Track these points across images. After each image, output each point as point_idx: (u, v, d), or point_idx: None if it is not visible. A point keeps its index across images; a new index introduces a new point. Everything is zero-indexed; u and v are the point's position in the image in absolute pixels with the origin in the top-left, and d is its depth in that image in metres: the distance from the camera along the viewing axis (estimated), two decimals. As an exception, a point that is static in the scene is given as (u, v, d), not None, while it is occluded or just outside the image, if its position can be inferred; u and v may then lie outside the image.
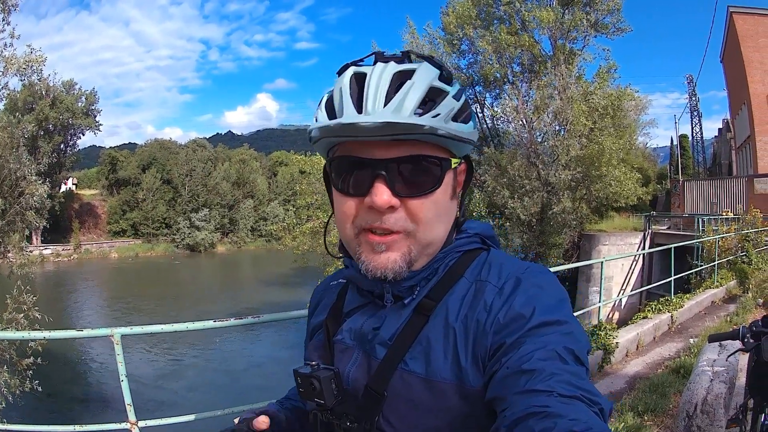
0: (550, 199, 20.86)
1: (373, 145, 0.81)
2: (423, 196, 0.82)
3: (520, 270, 0.85)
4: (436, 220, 0.85)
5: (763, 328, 2.46)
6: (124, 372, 2.87)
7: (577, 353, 0.73)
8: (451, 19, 23.05)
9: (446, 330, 0.82)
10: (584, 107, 20.86)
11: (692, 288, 10.88)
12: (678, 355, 6.39)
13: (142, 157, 56.73)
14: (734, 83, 34.52)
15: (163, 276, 40.31)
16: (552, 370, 0.68)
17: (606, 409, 0.67)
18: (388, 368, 0.83)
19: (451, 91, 0.83)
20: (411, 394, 0.81)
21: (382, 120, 0.76)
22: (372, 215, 0.82)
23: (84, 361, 17.70)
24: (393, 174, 0.80)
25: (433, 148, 0.82)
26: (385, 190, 0.80)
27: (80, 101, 50.39)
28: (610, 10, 23.70)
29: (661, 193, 36.98)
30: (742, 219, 15.06)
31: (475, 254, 0.92)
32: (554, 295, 0.81)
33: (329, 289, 1.06)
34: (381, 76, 0.80)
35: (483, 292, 0.83)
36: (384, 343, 0.86)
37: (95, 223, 54.39)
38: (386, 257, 0.83)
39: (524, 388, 0.67)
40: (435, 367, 0.80)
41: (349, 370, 0.88)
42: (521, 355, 0.72)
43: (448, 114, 0.80)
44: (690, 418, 3.35)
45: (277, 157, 70.55)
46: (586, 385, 0.68)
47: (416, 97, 0.78)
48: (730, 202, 25.11)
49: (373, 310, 0.91)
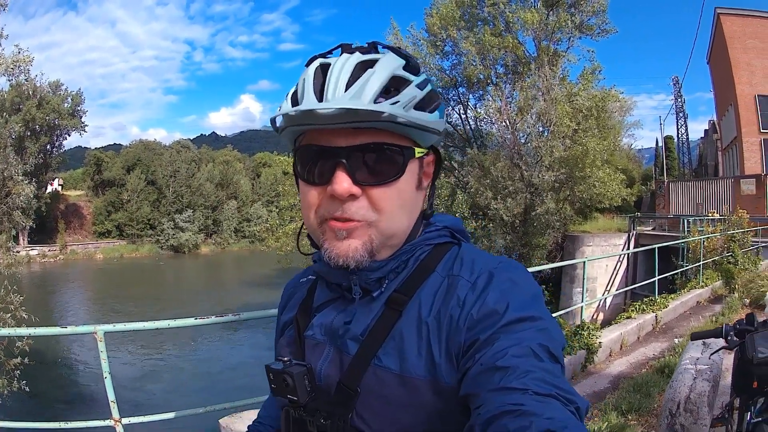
0: (534, 200, 20.85)
1: (336, 134, 0.79)
2: (385, 184, 0.81)
3: (493, 264, 0.84)
4: (399, 211, 0.83)
5: (747, 326, 2.47)
6: (107, 369, 2.91)
7: (552, 350, 0.72)
8: (435, 21, 22.99)
9: (419, 325, 0.81)
10: (568, 108, 20.87)
11: (677, 288, 10.90)
12: (662, 355, 6.39)
13: (126, 158, 56.65)
14: (721, 84, 34.72)
15: (148, 277, 40.04)
16: (526, 368, 0.67)
17: (582, 407, 0.66)
18: (361, 364, 0.82)
19: (415, 80, 0.81)
20: (384, 390, 0.80)
21: (340, 106, 0.75)
22: (334, 204, 0.80)
23: (67, 360, 17.52)
24: (354, 162, 0.79)
25: (395, 137, 0.81)
26: (345, 178, 0.78)
27: (66, 102, 50.27)
28: (595, 12, 23.74)
29: (645, 194, 37.27)
30: (728, 220, 15.04)
31: (447, 248, 0.90)
32: (528, 290, 0.80)
33: (299, 285, 1.04)
34: (344, 65, 0.80)
35: (456, 287, 0.81)
36: (356, 338, 0.84)
37: (81, 224, 54.18)
38: (347, 244, 0.81)
39: (498, 385, 0.66)
40: (409, 363, 0.79)
41: (321, 366, 0.86)
42: (495, 352, 0.70)
43: (409, 102, 0.79)
44: (673, 416, 3.33)
45: (261, 158, 70.59)
46: (561, 383, 0.67)
47: (377, 84, 0.77)
48: (716, 203, 25.27)
49: (343, 305, 0.89)
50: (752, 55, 30.45)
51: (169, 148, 58.73)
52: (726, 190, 26.88)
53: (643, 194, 36.87)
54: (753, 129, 30.43)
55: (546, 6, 23.25)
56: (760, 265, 12.13)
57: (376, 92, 0.77)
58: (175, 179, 54.85)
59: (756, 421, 2.37)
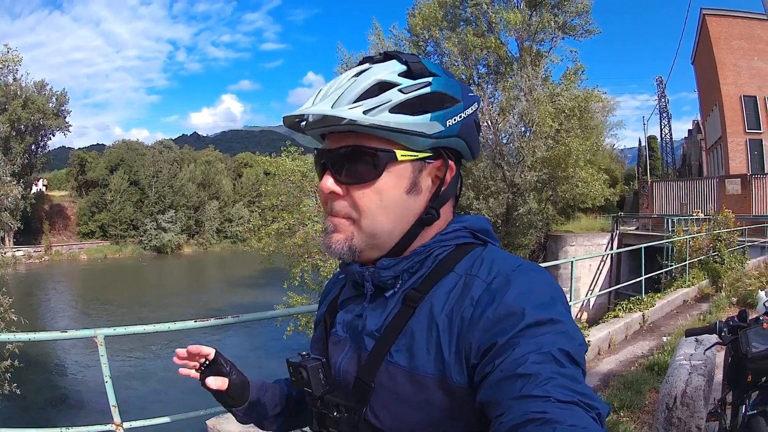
0: (516, 200, 20.91)
1: (330, 138, 0.86)
2: (363, 184, 0.83)
3: (512, 266, 0.82)
4: (380, 212, 0.85)
5: (740, 323, 2.58)
6: (108, 373, 2.89)
7: (573, 354, 0.71)
8: (417, 21, 23.00)
9: (430, 323, 0.81)
10: (550, 109, 20.95)
11: (662, 288, 10.92)
12: (651, 353, 6.42)
13: (110, 159, 56.17)
14: (705, 85, 34.85)
15: (132, 278, 39.82)
16: (548, 375, 0.66)
17: (603, 413, 0.66)
18: (375, 360, 0.83)
19: (402, 84, 0.81)
20: (396, 386, 0.81)
21: (309, 111, 0.82)
22: (327, 201, 0.87)
23: (60, 363, 17.50)
24: (336, 163, 0.85)
25: (375, 140, 0.83)
26: (328, 177, 0.85)
27: (51, 102, 49.82)
28: (578, 12, 23.86)
29: (628, 194, 37.43)
30: (713, 219, 15.00)
31: (469, 248, 0.89)
32: (547, 292, 0.78)
33: (337, 282, 1.07)
34: (344, 74, 0.84)
35: (471, 287, 0.81)
36: (372, 334, 0.86)
37: (65, 224, 53.67)
38: (332, 237, 0.87)
39: (520, 393, 0.66)
40: (418, 360, 0.80)
41: (340, 362, 0.89)
42: (515, 358, 0.69)
43: (380, 105, 0.80)
44: (670, 410, 3.37)
45: (242, 158, 70.15)
46: (583, 388, 0.67)
47: (356, 90, 0.80)
48: (701, 203, 25.38)
49: (361, 302, 0.92)
50: (738, 56, 30.50)
51: (151, 149, 58.31)
52: (710, 189, 27.00)
53: (626, 194, 37.02)
54: (738, 129, 30.51)
55: (529, 6, 23.32)
56: (746, 264, 12.16)
57: (354, 98, 0.80)
58: (158, 179, 54.59)
59: (751, 413, 2.46)
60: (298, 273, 18.45)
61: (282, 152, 19.91)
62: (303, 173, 18.63)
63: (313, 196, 18.75)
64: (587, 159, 22.14)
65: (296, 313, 15.42)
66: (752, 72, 30.08)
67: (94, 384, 13.28)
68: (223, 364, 1.05)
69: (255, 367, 17.13)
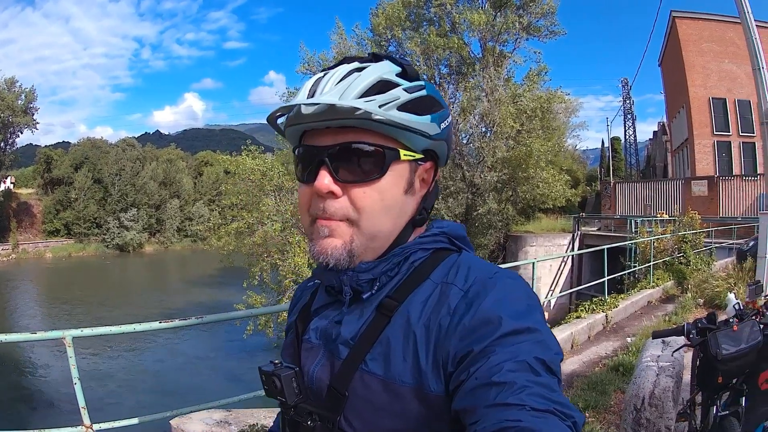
0: (475, 200, 21.01)
1: (324, 134, 0.82)
2: (364, 183, 0.81)
3: (489, 274, 0.82)
4: (381, 212, 0.83)
5: (708, 325, 2.61)
6: (76, 374, 2.90)
7: (549, 363, 0.71)
8: (380, 20, 22.97)
9: (407, 332, 0.80)
10: (512, 109, 21.11)
11: (626, 288, 10.97)
12: (615, 354, 6.41)
13: (75, 156, 55.51)
14: (672, 87, 35.25)
15: (96, 277, 39.36)
16: (523, 383, 0.66)
17: (579, 422, 0.65)
18: (350, 368, 0.82)
19: (405, 84, 0.82)
20: (370, 395, 0.79)
21: (317, 101, 0.77)
22: (319, 203, 0.82)
23: (25, 361, 17.23)
24: (336, 160, 0.81)
25: (379, 137, 0.81)
26: (325, 175, 0.80)
27: (20, 99, 49.28)
28: (544, 13, 24.04)
29: (590, 194, 37.73)
30: (678, 221, 15.08)
31: (444, 255, 0.88)
32: (524, 300, 0.78)
33: (306, 289, 1.05)
34: (338, 69, 0.82)
35: (447, 296, 0.80)
36: (346, 342, 0.85)
37: (31, 222, 52.79)
38: (328, 242, 0.82)
39: (495, 401, 0.65)
40: (394, 369, 0.79)
41: (313, 370, 0.87)
42: (490, 366, 0.69)
43: (389, 101, 0.79)
44: (638, 411, 3.41)
45: (203, 156, 69.94)
46: (558, 397, 0.66)
47: (362, 84, 0.79)
48: (666, 204, 25.69)
49: (337, 309, 0.90)
50: (708, 58, 30.81)
51: (115, 147, 57.83)
52: (676, 191, 27.36)
53: (587, 195, 37.34)
54: (706, 131, 30.90)
55: (494, 7, 23.44)
56: (713, 265, 12.13)
57: (360, 92, 0.78)
58: (121, 178, 54.21)
59: (723, 414, 2.54)
60: (258, 272, 18.42)
61: (242, 151, 19.78)
62: (263, 172, 18.53)
63: (272, 195, 18.69)
64: (549, 160, 22.34)
65: (258, 314, 15.36)
66: (722, 74, 30.44)
67: (61, 383, 13.27)
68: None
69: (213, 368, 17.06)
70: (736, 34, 28.85)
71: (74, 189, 52.98)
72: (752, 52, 6.52)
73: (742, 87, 28.60)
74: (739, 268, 9.66)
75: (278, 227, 18.16)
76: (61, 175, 53.90)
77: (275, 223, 18.23)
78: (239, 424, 3.89)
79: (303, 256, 16.94)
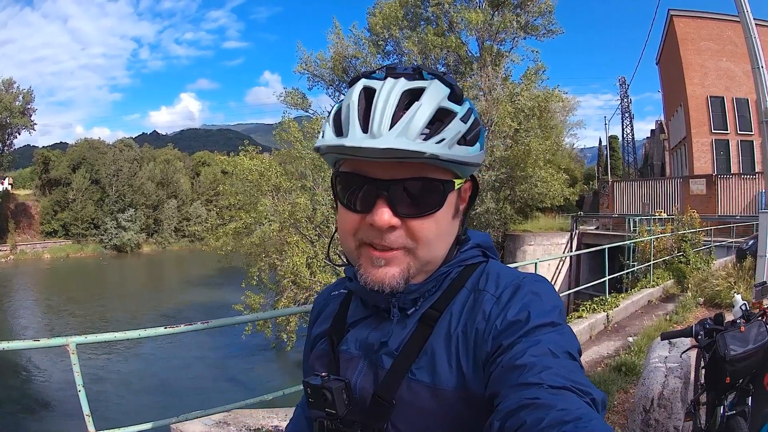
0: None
1: (379, 164, 0.80)
2: (424, 216, 0.82)
3: (517, 279, 0.86)
4: (437, 240, 0.85)
5: (716, 326, 2.67)
6: (80, 381, 2.87)
7: (570, 351, 0.75)
8: (378, 20, 22.92)
9: (448, 339, 0.84)
10: (510, 108, 21.05)
11: (625, 288, 10.93)
12: (617, 354, 6.39)
13: (72, 157, 55.42)
14: (670, 85, 35.14)
15: (94, 278, 39.27)
16: (544, 365, 0.69)
17: (598, 399, 0.67)
18: (396, 377, 0.84)
19: (460, 111, 0.81)
20: (418, 401, 0.82)
21: (385, 146, 0.75)
22: (373, 232, 0.82)
23: (28, 367, 17.01)
24: (395, 194, 0.81)
25: (437, 171, 0.82)
26: (386, 210, 0.80)
27: (18, 100, 49.25)
28: (541, 12, 24.04)
29: (588, 193, 37.67)
30: (677, 219, 14.96)
31: (476, 265, 0.92)
32: (550, 302, 0.82)
33: (331, 298, 1.06)
34: (390, 93, 0.79)
35: (482, 302, 0.84)
36: (390, 353, 0.87)
37: (29, 223, 52.69)
38: (384, 272, 0.83)
39: (516, 382, 0.69)
40: (440, 376, 0.82)
41: (356, 380, 0.89)
42: (515, 353, 0.73)
43: (453, 138, 0.79)
44: (647, 413, 3.43)
45: (200, 157, 70.32)
46: (577, 377, 0.69)
47: (423, 119, 0.77)
48: (664, 203, 25.62)
49: (377, 321, 0.92)
50: (706, 57, 30.68)
51: (112, 147, 57.83)
52: (674, 189, 27.28)
53: (585, 193, 37.26)
54: (704, 129, 30.79)
55: (492, 6, 23.39)
56: (713, 264, 12.06)
57: (422, 127, 0.77)
58: (118, 178, 54.27)
59: (730, 413, 2.58)
60: (256, 272, 18.40)
61: (240, 151, 19.75)
62: (260, 172, 18.47)
63: (269, 195, 18.63)
64: (546, 158, 22.32)
65: (264, 318, 15.30)
66: (720, 73, 30.36)
67: (62, 387, 13.06)
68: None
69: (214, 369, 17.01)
70: (734, 33, 28.85)
71: (72, 190, 52.93)
72: (751, 51, 6.50)
73: (740, 85, 28.57)
74: (738, 266, 9.65)
75: (276, 227, 18.13)
76: (59, 176, 53.79)
77: (273, 223, 18.21)
78: (238, 424, 3.90)
79: (301, 256, 16.90)
